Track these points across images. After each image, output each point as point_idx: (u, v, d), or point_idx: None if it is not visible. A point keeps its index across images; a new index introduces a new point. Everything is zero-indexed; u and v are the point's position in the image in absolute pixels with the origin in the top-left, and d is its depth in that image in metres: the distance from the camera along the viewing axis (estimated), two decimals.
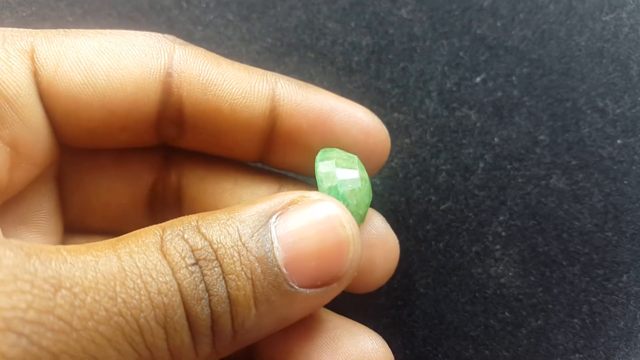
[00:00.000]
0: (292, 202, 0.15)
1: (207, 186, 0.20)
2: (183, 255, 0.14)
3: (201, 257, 0.14)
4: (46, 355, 0.12)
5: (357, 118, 0.19)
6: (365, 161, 0.19)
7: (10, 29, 0.17)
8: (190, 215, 0.15)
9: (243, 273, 0.14)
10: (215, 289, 0.14)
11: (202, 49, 0.19)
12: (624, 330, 0.22)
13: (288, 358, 0.18)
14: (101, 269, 0.13)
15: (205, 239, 0.15)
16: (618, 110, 0.24)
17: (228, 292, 0.14)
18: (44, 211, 0.19)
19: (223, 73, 0.18)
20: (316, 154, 0.18)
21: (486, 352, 0.23)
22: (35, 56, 0.17)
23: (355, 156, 0.19)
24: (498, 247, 0.23)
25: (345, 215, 0.15)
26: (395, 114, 0.25)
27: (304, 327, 0.18)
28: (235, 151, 0.19)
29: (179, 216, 0.21)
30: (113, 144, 0.19)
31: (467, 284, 0.23)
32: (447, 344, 0.23)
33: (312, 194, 0.16)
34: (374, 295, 0.23)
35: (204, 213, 0.15)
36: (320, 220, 0.15)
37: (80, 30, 0.18)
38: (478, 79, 0.25)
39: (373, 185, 0.24)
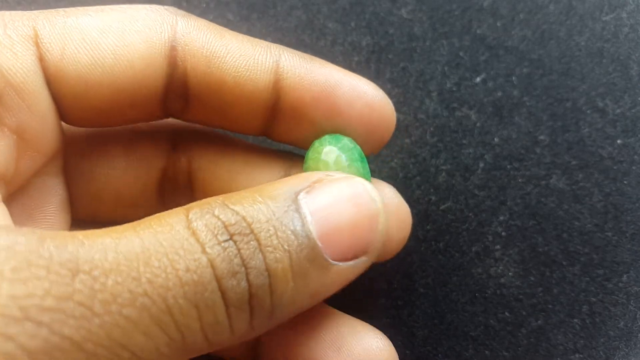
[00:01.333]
0: (318, 180, 0.16)
1: (218, 169, 0.20)
2: (215, 232, 0.14)
3: (236, 232, 0.14)
4: (68, 344, 0.11)
5: (361, 91, 0.18)
6: (370, 136, 0.19)
7: (8, 12, 0.17)
8: (214, 197, 0.15)
9: (280, 246, 0.14)
10: (252, 262, 0.14)
11: (204, 20, 0.18)
12: (624, 330, 0.22)
13: (293, 355, 0.18)
14: (122, 250, 0.13)
15: (238, 214, 0.14)
16: (618, 110, 0.24)
17: (266, 264, 0.14)
18: (52, 205, 0.19)
19: (227, 45, 0.18)
20: (320, 128, 0.18)
21: (486, 352, 0.23)
22: (39, 41, 0.17)
23: (357, 149, 0.18)
24: (498, 247, 0.23)
25: (373, 190, 0.16)
26: (395, 114, 0.25)
27: (308, 324, 0.18)
28: (239, 124, 0.19)
29: (192, 202, 0.21)
30: (122, 121, 0.19)
31: (467, 284, 0.23)
32: (447, 344, 0.23)
33: (336, 174, 0.16)
34: (374, 295, 0.23)
35: (229, 194, 0.15)
36: (350, 195, 0.16)
37: (80, 8, 0.18)
38: (478, 79, 0.25)
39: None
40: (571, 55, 0.25)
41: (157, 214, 0.14)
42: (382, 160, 0.24)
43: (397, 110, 0.25)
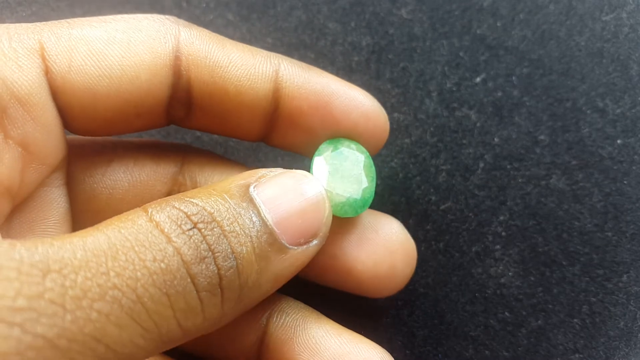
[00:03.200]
0: (263, 176, 0.17)
1: None
2: (179, 222, 0.14)
3: (199, 221, 0.15)
4: (42, 342, 0.12)
5: (357, 102, 0.19)
6: (365, 143, 0.19)
7: (13, 25, 0.17)
8: (171, 196, 0.16)
9: (242, 232, 0.15)
10: (219, 247, 0.14)
11: (205, 29, 0.19)
12: (624, 330, 0.22)
13: None
14: (90, 247, 0.13)
15: (198, 205, 0.15)
16: (618, 110, 0.24)
17: (232, 248, 0.15)
18: (53, 218, 0.19)
19: (228, 55, 0.18)
20: (317, 135, 0.19)
21: (486, 352, 0.23)
22: (45, 54, 0.17)
23: (362, 155, 0.19)
24: (498, 247, 0.23)
25: (315, 180, 0.17)
26: (395, 114, 0.25)
27: (311, 341, 0.18)
28: (239, 131, 0.20)
29: None
30: (127, 130, 0.19)
31: (467, 284, 0.23)
32: (447, 344, 0.23)
33: (277, 170, 0.17)
34: None
35: (183, 192, 0.16)
36: (295, 185, 0.17)
37: (83, 19, 0.18)
38: (478, 79, 0.25)
39: None
40: (571, 55, 0.25)
41: (118, 215, 0.15)
42: (382, 160, 0.24)
43: (397, 110, 0.25)
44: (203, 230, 0.14)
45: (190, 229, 0.14)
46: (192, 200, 0.15)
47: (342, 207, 0.18)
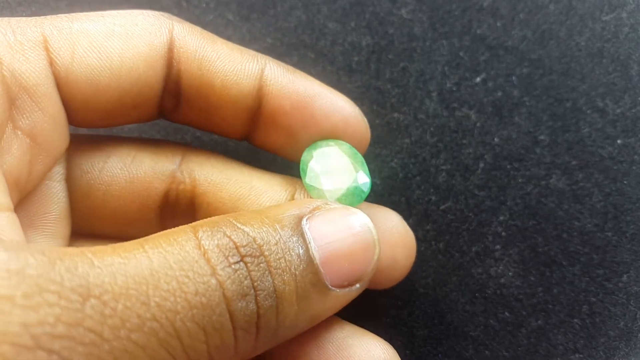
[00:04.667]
0: (317, 208, 0.17)
1: (224, 194, 0.20)
2: (227, 253, 0.14)
3: (247, 254, 0.14)
4: None
5: (338, 106, 0.19)
6: None
7: (14, 19, 0.17)
8: (222, 215, 0.15)
9: (288, 269, 0.15)
10: (262, 285, 0.14)
11: (197, 27, 0.19)
12: (624, 330, 0.22)
13: None
14: (131, 272, 0.13)
15: (249, 235, 0.15)
16: (618, 110, 0.24)
17: (275, 286, 0.14)
18: (54, 214, 0.19)
19: (217, 50, 0.19)
20: (298, 136, 0.19)
21: (486, 352, 0.23)
22: (49, 46, 0.17)
23: (342, 146, 0.19)
24: (498, 247, 0.23)
25: (371, 223, 0.17)
26: (395, 114, 0.25)
27: (315, 334, 0.18)
28: (223, 127, 0.20)
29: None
30: (124, 121, 0.19)
31: (467, 284, 0.23)
32: (447, 344, 0.23)
33: (332, 203, 0.17)
34: (374, 295, 0.23)
35: (236, 213, 0.16)
36: (350, 225, 0.16)
37: (81, 14, 0.18)
38: (478, 79, 0.25)
39: (373, 185, 0.24)
40: (571, 55, 0.25)
41: (165, 231, 0.14)
42: (382, 160, 0.24)
43: (397, 110, 0.25)
44: (249, 264, 0.14)
45: (237, 262, 0.14)
46: (243, 228, 0.15)
47: (346, 199, 0.18)
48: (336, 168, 0.19)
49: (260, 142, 0.20)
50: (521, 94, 0.24)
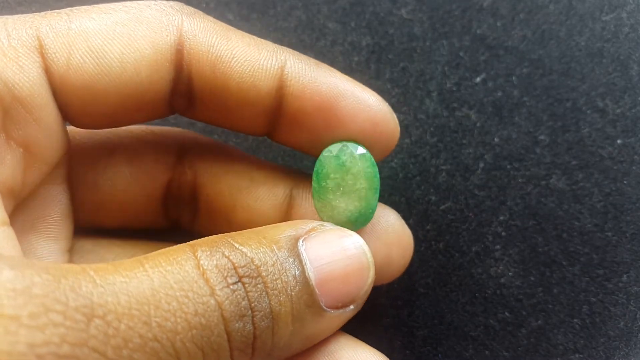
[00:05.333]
0: (312, 230, 0.17)
1: (223, 185, 0.20)
2: (225, 274, 0.14)
3: (245, 274, 0.14)
4: None
5: (365, 105, 0.18)
6: (372, 148, 0.19)
7: (11, 18, 0.17)
8: (220, 235, 0.15)
9: (284, 290, 0.15)
10: (259, 305, 0.14)
11: (210, 18, 0.18)
12: (624, 330, 0.22)
13: None
14: (133, 292, 0.13)
15: (247, 256, 0.15)
16: (618, 110, 0.24)
17: (271, 307, 0.15)
18: (55, 216, 0.19)
19: (232, 49, 0.18)
20: (321, 136, 0.18)
21: (486, 352, 0.23)
22: (44, 51, 0.16)
23: (366, 163, 0.18)
24: (498, 247, 0.23)
25: (366, 246, 0.17)
26: (395, 114, 0.25)
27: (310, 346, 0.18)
28: (241, 126, 0.19)
29: (195, 214, 0.21)
30: (129, 122, 0.19)
31: (467, 284, 0.23)
32: (447, 344, 0.23)
33: (327, 225, 0.17)
34: (374, 296, 0.23)
35: (232, 233, 0.16)
36: (345, 248, 0.17)
37: (82, 9, 0.17)
38: (478, 79, 0.25)
39: None
40: (571, 55, 0.25)
41: (164, 250, 0.14)
42: (382, 160, 0.24)
43: (397, 110, 0.25)
44: (247, 285, 0.14)
45: (235, 283, 0.14)
46: (241, 248, 0.15)
47: (345, 224, 0.18)
48: (350, 188, 0.18)
49: (282, 140, 0.20)
50: (521, 94, 0.24)
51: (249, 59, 0.18)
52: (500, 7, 0.25)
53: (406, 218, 0.24)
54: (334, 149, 0.18)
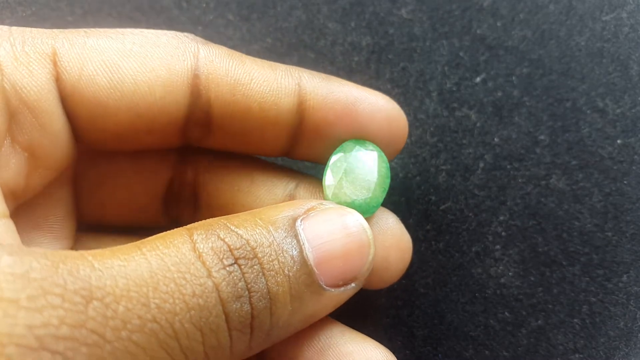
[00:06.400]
0: (311, 209, 0.17)
1: (224, 184, 0.20)
2: (221, 255, 0.14)
3: (241, 256, 0.14)
4: None
5: (380, 106, 0.19)
6: (387, 146, 0.19)
7: (29, 29, 0.17)
8: (216, 218, 0.16)
9: (281, 270, 0.15)
10: (256, 286, 0.14)
11: (223, 47, 0.18)
12: (624, 330, 0.22)
13: None
14: (131, 275, 0.13)
15: (242, 238, 0.15)
16: (618, 110, 0.24)
17: (268, 288, 0.15)
18: (59, 215, 0.19)
19: (249, 72, 0.18)
20: (340, 142, 0.19)
21: (486, 352, 0.23)
22: (57, 59, 0.17)
23: (374, 152, 0.19)
24: (498, 247, 0.23)
25: (366, 223, 0.17)
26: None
27: (315, 340, 0.18)
28: (261, 148, 0.19)
29: (195, 212, 0.21)
30: (137, 146, 0.19)
31: (467, 284, 0.23)
32: (447, 344, 0.23)
33: (327, 203, 0.17)
34: (374, 296, 0.23)
35: (229, 216, 0.16)
36: (344, 225, 0.17)
37: (100, 30, 0.18)
38: (478, 79, 0.25)
39: None
40: (571, 55, 0.25)
41: (161, 234, 0.15)
42: None
43: None
44: (243, 266, 0.14)
45: (231, 265, 0.14)
46: (237, 231, 0.15)
47: (352, 206, 0.18)
48: (362, 178, 0.18)
49: (302, 155, 0.20)
50: (521, 94, 0.24)
51: (267, 79, 0.18)
52: (500, 7, 0.25)
53: (406, 218, 0.24)
54: (355, 141, 0.19)
